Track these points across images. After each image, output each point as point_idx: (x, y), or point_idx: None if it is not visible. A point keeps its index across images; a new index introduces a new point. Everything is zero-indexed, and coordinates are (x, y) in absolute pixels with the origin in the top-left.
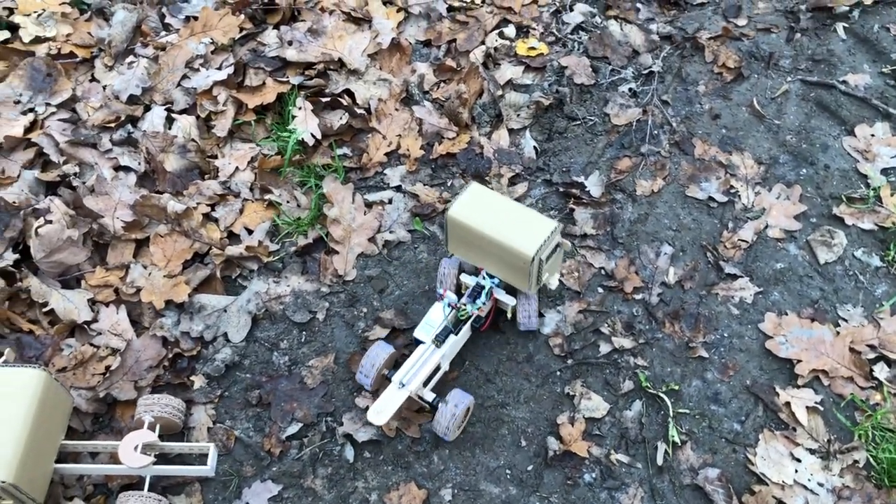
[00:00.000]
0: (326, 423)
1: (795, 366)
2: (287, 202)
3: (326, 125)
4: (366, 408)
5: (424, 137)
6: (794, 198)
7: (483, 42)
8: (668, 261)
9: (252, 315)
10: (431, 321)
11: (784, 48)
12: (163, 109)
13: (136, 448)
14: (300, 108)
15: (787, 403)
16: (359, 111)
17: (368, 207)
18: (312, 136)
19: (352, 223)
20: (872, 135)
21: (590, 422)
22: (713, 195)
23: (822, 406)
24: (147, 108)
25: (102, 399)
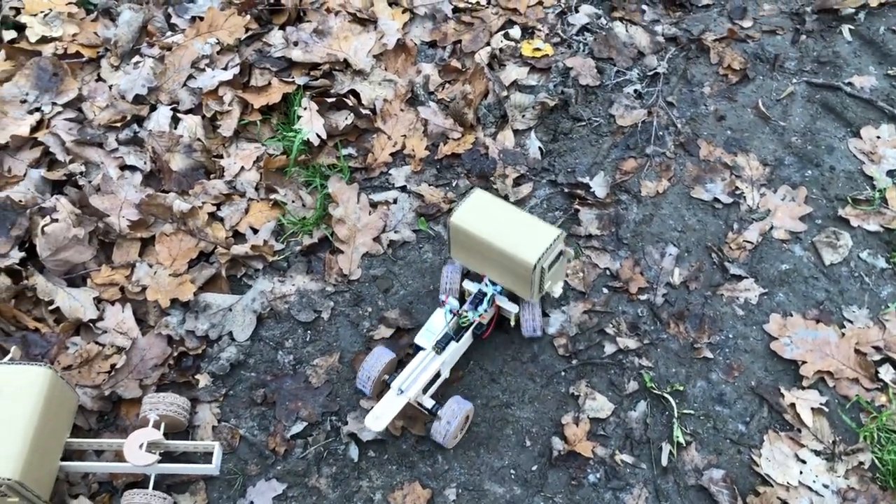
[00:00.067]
0: (331, 423)
1: (800, 367)
2: (292, 202)
3: (332, 125)
4: (371, 407)
5: (429, 138)
6: (800, 199)
7: (488, 43)
8: (673, 261)
9: (257, 314)
10: (433, 327)
11: (789, 50)
12: (168, 109)
13: (141, 446)
14: (305, 109)
15: (792, 405)
16: (364, 111)
17: (373, 207)
18: (318, 137)
19: (357, 223)
20: (878, 136)
21: (594, 422)
22: (718, 196)
23: (828, 407)
24: (153, 108)
25: (108, 397)
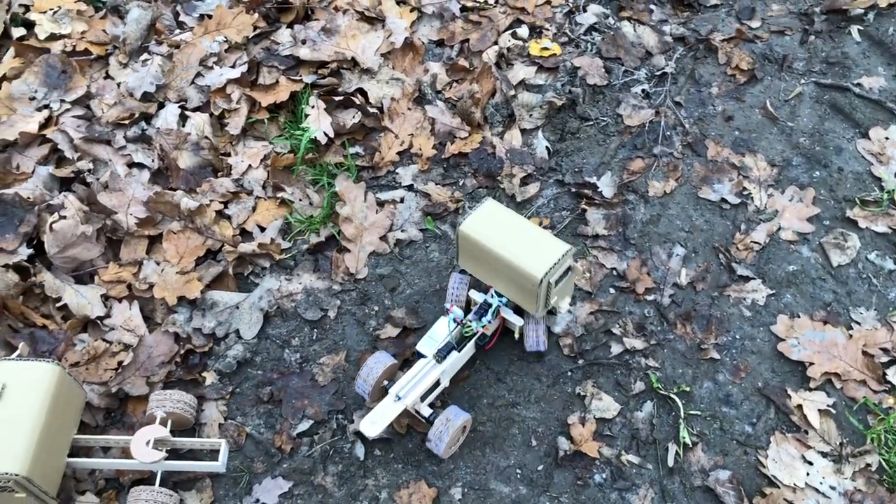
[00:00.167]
0: (337, 421)
1: (808, 368)
2: (299, 200)
3: (339, 124)
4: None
5: (437, 137)
6: (808, 200)
7: (496, 42)
8: (681, 262)
9: (264, 312)
10: (435, 335)
11: (798, 50)
12: (176, 107)
13: (148, 443)
14: (313, 107)
15: (799, 406)
16: (371, 110)
17: (380, 206)
18: (325, 135)
19: (364, 222)
20: (887, 138)
21: (600, 422)
22: (726, 197)
23: (835, 409)
24: (161, 106)
25: (115, 394)
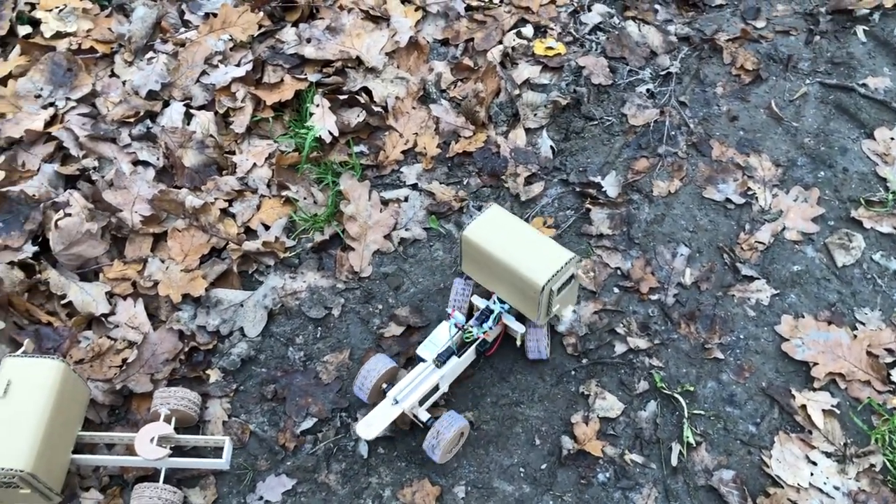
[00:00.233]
0: (341, 419)
1: (812, 368)
2: (304, 199)
3: (344, 123)
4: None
5: (441, 136)
6: (812, 200)
7: (501, 41)
8: (685, 262)
9: (268, 310)
10: (436, 340)
11: (803, 50)
12: (181, 105)
13: (152, 440)
14: (318, 106)
15: (803, 406)
16: (376, 109)
17: (384, 205)
18: (330, 134)
19: (368, 220)
20: (892, 138)
21: (604, 421)
22: (730, 197)
23: (839, 409)
24: (166, 104)
25: (119, 391)
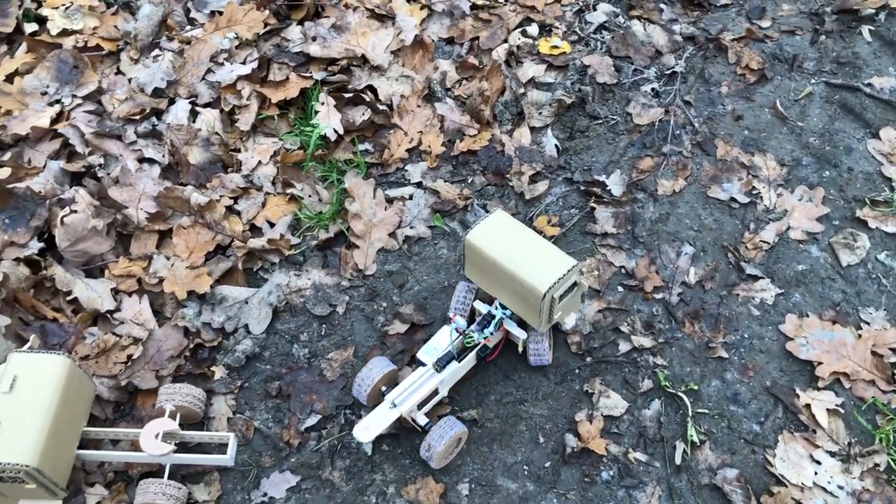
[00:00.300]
0: (345, 416)
1: (816, 368)
2: (309, 196)
3: (349, 121)
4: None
5: (446, 134)
6: (817, 200)
7: (506, 40)
8: (689, 261)
9: (273, 307)
10: (437, 344)
11: (808, 50)
12: (187, 103)
13: (157, 436)
14: (323, 104)
15: (808, 405)
16: (381, 107)
17: (389, 203)
18: (335, 132)
19: (373, 218)
20: None
21: (608, 420)
22: (735, 196)
23: (843, 409)
24: (171, 102)
25: (124, 387)
